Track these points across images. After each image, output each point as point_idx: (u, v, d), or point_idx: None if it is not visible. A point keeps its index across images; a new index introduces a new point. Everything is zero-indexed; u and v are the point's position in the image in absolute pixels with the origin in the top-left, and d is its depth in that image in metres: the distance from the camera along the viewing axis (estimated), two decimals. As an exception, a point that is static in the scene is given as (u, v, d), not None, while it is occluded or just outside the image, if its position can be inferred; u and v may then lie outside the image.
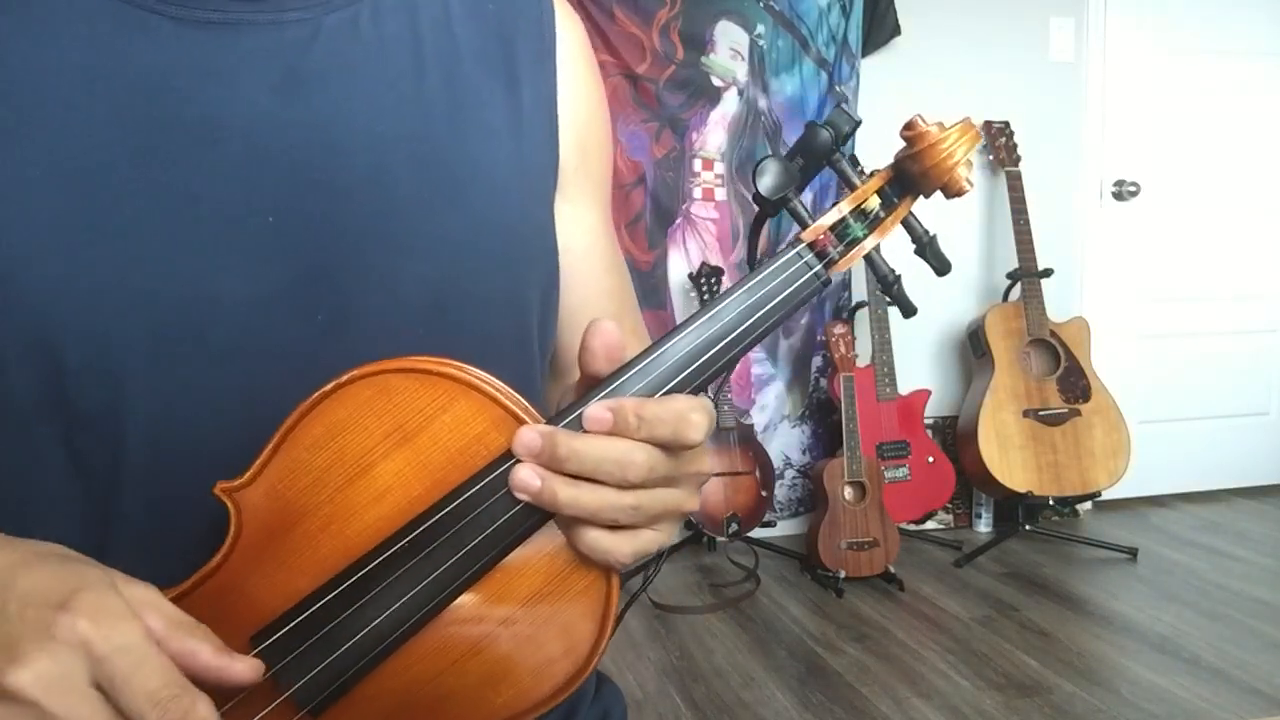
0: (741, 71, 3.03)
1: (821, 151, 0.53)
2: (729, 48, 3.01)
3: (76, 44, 0.52)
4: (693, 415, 0.47)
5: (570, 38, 0.68)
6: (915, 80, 3.19)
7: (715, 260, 3.02)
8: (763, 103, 3.05)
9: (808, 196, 3.09)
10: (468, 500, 0.47)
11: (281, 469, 0.48)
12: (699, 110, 3.01)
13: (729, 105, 3.03)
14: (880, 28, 3.10)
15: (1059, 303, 3.14)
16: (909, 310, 0.57)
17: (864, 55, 3.12)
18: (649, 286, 2.99)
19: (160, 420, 0.52)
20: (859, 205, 0.53)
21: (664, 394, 0.49)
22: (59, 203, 0.50)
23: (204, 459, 0.52)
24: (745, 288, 0.51)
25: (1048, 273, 3.04)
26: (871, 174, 0.54)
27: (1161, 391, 3.46)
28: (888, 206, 0.53)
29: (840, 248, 0.52)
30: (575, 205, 0.68)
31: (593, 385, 0.49)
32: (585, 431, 0.47)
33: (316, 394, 0.48)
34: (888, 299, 0.62)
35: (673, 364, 0.50)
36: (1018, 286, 3.06)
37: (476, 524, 0.47)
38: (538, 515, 0.48)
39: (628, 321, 0.73)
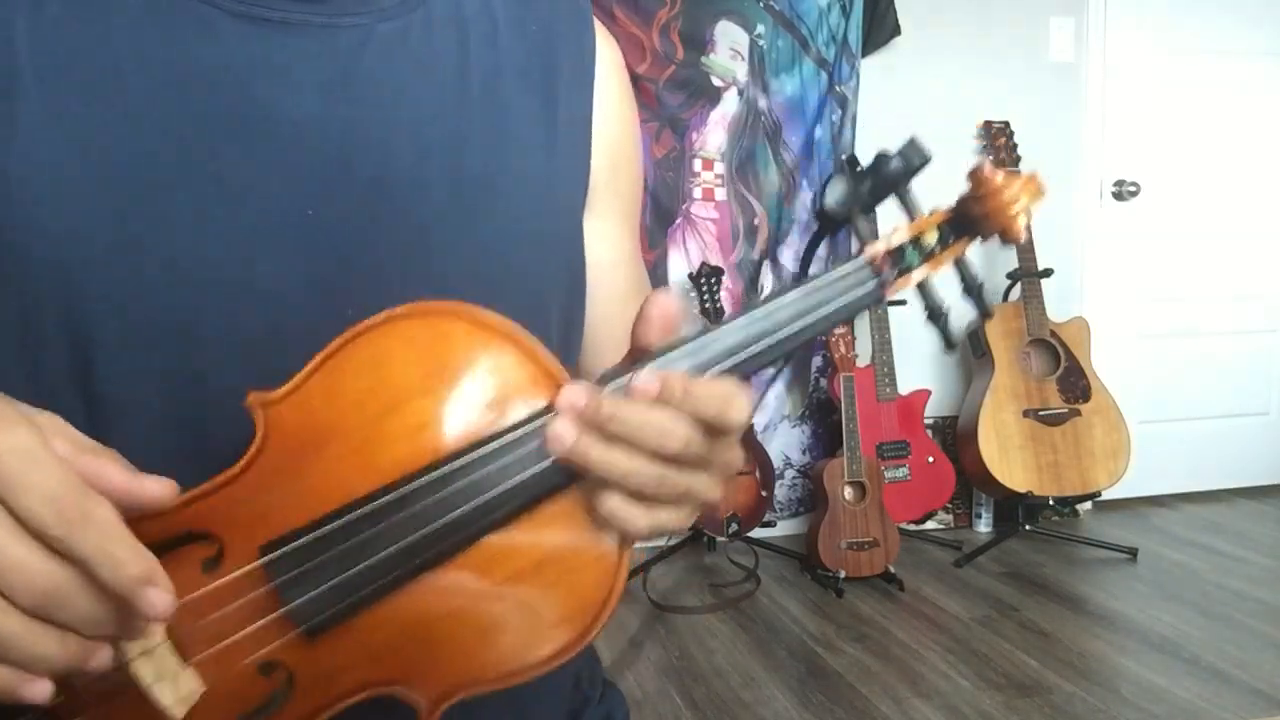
0: (741, 71, 3.03)
1: (891, 180, 0.55)
2: (729, 48, 3.01)
3: (134, 33, 0.54)
4: (737, 399, 0.47)
5: (608, 60, 0.70)
6: (915, 80, 3.19)
7: (715, 260, 3.02)
8: (763, 103, 3.05)
9: (807, 195, 3.09)
10: (500, 448, 0.47)
11: (318, 389, 0.48)
12: (699, 110, 3.01)
13: (729, 105, 3.03)
14: (880, 28, 3.10)
15: (1059, 303, 3.14)
16: (951, 344, 0.59)
17: (864, 55, 3.12)
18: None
19: (185, 402, 0.54)
20: (916, 236, 0.55)
21: (710, 376, 0.50)
22: (106, 185, 0.52)
23: (223, 442, 0.52)
24: (804, 289, 0.52)
25: (1048, 273, 3.04)
26: (933, 211, 0.56)
27: (1161, 391, 3.46)
28: (944, 243, 0.56)
29: (894, 272, 0.54)
30: (603, 221, 0.69)
31: (641, 356, 0.50)
32: (631, 397, 0.47)
33: (365, 323, 0.49)
34: (934, 327, 0.65)
35: (721, 349, 0.50)
36: (1018, 286, 3.06)
37: (504, 472, 0.47)
38: (566, 474, 0.48)
39: None
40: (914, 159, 0.54)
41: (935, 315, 0.56)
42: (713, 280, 2.85)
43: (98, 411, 0.53)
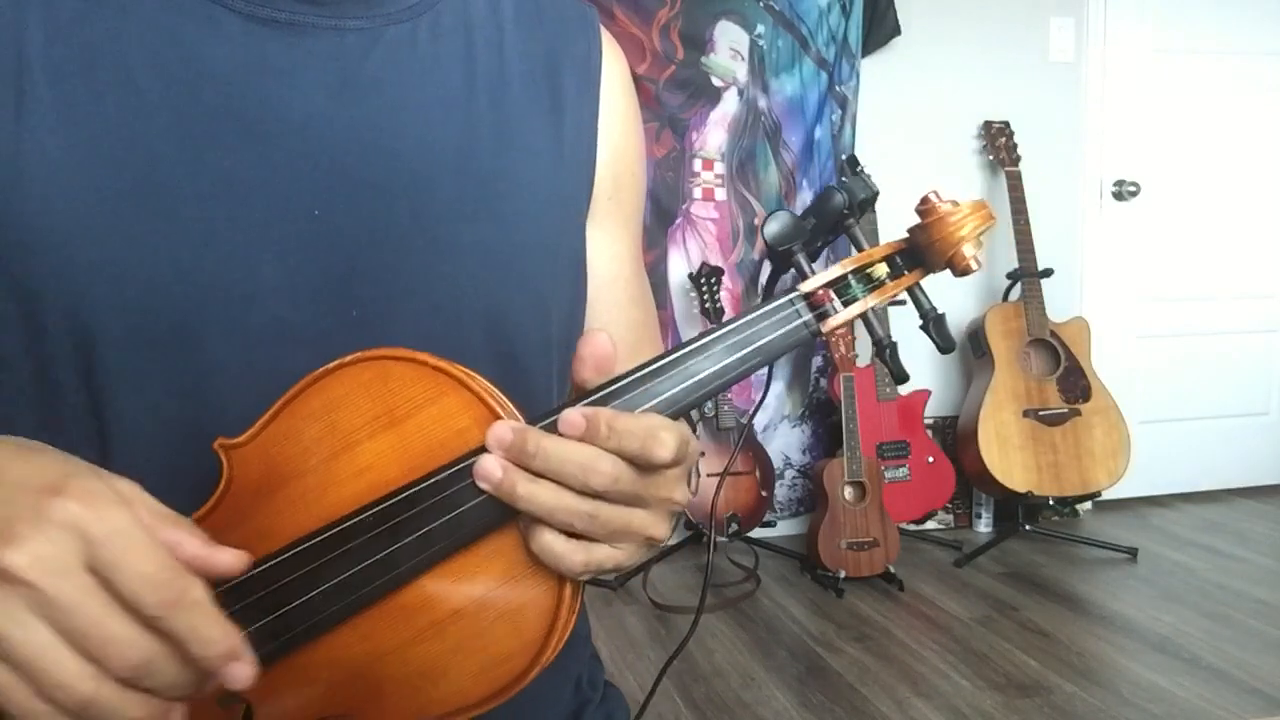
0: (741, 71, 3.03)
1: (833, 214, 0.54)
2: (729, 48, 3.01)
3: (144, 32, 0.54)
4: (662, 433, 0.48)
5: (614, 71, 0.71)
6: (915, 80, 3.19)
7: (715, 260, 3.02)
8: (763, 103, 3.05)
9: (808, 194, 3.09)
10: (434, 485, 0.49)
11: (277, 434, 0.51)
12: (699, 110, 3.01)
13: (729, 105, 3.03)
14: (880, 28, 3.10)
15: (1059, 303, 3.14)
16: (900, 377, 0.58)
17: (864, 55, 3.12)
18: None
19: (190, 397, 0.54)
20: (863, 267, 0.54)
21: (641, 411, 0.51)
22: (113, 183, 0.52)
23: (228, 437, 0.53)
24: (733, 327, 0.53)
25: (1048, 273, 3.04)
26: (886, 244, 0.56)
27: (1161, 391, 3.46)
28: (895, 276, 0.55)
29: (837, 304, 0.54)
30: (605, 233, 0.70)
31: (580, 396, 0.51)
32: (559, 434, 0.48)
33: (321, 369, 0.51)
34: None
35: (652, 386, 0.51)
36: (1018, 286, 3.06)
37: (438, 509, 0.49)
38: (498, 510, 0.48)
39: (646, 353, 0.74)
40: (859, 192, 0.54)
41: (880, 349, 0.55)
42: (713, 280, 2.85)
43: (104, 410, 0.54)
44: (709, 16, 2.97)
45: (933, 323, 0.56)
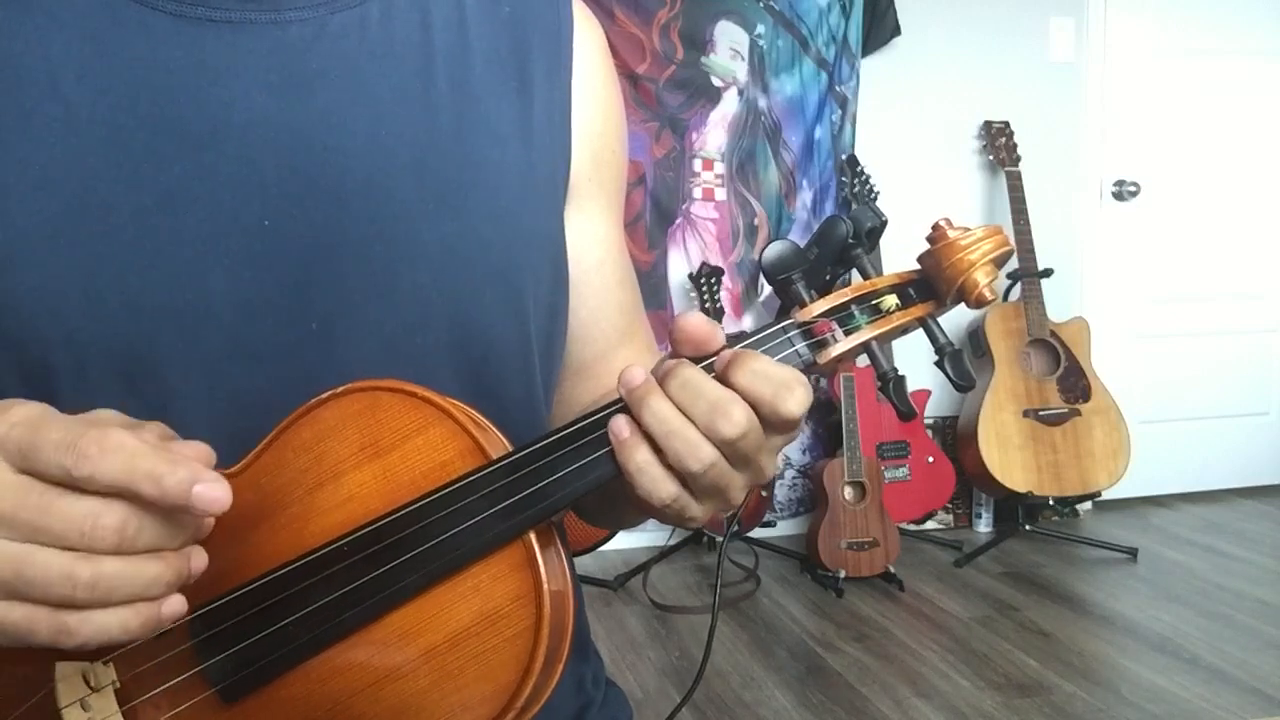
0: (741, 71, 3.03)
1: (838, 244, 0.51)
2: (729, 48, 3.01)
3: (72, 40, 0.52)
4: (797, 388, 0.46)
5: (589, 44, 0.66)
6: (915, 80, 3.19)
7: (715, 260, 3.02)
8: (763, 103, 3.05)
9: (808, 194, 3.09)
10: (407, 516, 0.48)
11: (267, 464, 0.51)
12: (699, 110, 3.01)
13: (729, 105, 3.03)
14: (880, 28, 3.10)
15: (1059, 303, 3.14)
16: (906, 415, 0.54)
17: (864, 55, 3.12)
18: (649, 286, 2.99)
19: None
20: (868, 296, 0.52)
21: None
22: (47, 205, 0.50)
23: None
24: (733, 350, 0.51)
25: (1048, 273, 3.04)
26: (896, 273, 0.53)
27: (1161, 391, 3.46)
28: (904, 307, 0.52)
29: (839, 333, 0.51)
30: (587, 216, 0.66)
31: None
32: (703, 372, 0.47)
33: (314, 400, 0.50)
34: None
35: None
36: (1018, 286, 3.06)
37: (410, 541, 0.48)
38: (472, 544, 0.48)
39: (640, 336, 0.72)
40: (865, 221, 0.51)
41: (885, 381, 0.52)
42: (713, 280, 2.85)
43: None
44: (709, 16, 2.97)
45: (949, 358, 0.52)
